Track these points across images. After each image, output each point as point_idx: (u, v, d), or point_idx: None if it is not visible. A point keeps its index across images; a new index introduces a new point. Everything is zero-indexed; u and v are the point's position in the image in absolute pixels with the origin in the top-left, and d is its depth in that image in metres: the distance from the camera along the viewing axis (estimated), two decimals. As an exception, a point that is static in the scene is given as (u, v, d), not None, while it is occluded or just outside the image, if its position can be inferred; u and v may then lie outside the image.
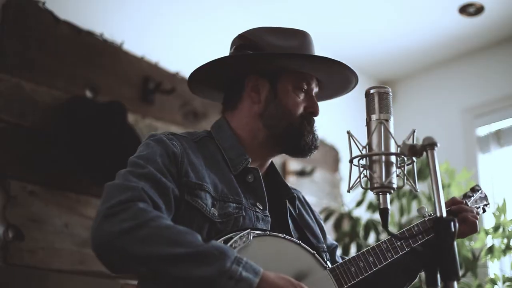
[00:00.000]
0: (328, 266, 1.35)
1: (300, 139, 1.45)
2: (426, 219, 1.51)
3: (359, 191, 2.99)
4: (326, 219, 2.99)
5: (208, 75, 1.53)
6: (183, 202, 1.28)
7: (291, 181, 3.30)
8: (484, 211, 1.66)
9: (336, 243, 1.66)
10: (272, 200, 1.46)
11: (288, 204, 1.51)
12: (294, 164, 3.40)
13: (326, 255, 1.51)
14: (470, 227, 1.50)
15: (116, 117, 2.31)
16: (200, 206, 1.29)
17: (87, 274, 2.21)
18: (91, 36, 2.48)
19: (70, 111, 2.25)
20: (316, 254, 1.34)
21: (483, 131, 3.82)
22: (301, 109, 1.47)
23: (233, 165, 1.42)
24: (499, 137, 3.76)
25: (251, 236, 1.23)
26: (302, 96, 1.48)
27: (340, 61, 1.47)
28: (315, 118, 1.50)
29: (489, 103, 3.80)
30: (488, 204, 1.67)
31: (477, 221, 1.52)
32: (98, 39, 2.51)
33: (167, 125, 2.66)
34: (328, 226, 3.03)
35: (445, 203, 1.55)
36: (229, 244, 1.20)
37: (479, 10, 3.42)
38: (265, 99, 1.47)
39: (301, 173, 3.41)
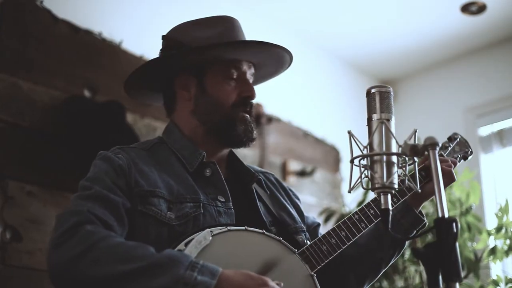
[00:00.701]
0: (296, 250, 1.32)
1: (233, 130, 1.44)
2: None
3: (360, 191, 2.98)
4: (327, 219, 2.99)
5: (144, 80, 1.54)
6: (137, 213, 1.29)
7: (291, 181, 3.30)
8: (465, 159, 1.60)
9: (318, 221, 1.63)
10: (239, 190, 1.46)
11: (256, 189, 1.50)
12: (294, 164, 3.40)
13: (305, 234, 1.48)
14: (446, 177, 1.43)
15: (114, 117, 2.31)
16: (154, 213, 1.29)
17: (86, 275, 2.21)
18: (90, 35, 2.48)
19: (68, 111, 2.25)
20: (282, 240, 1.31)
21: (485, 131, 3.82)
22: (233, 98, 1.45)
23: (188, 162, 1.42)
24: (501, 137, 3.76)
25: (210, 236, 1.22)
26: (233, 83, 1.46)
27: (258, 40, 1.46)
28: (252, 101, 1.48)
29: (491, 102, 3.80)
30: (469, 150, 1.60)
31: (452, 169, 1.46)
32: (97, 38, 2.51)
33: (165, 125, 2.65)
34: (329, 227, 3.03)
35: (419, 162, 1.48)
36: (188, 247, 1.19)
37: (481, 8, 3.42)
38: (194, 96, 1.47)
39: (302, 174, 3.41)
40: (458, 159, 1.58)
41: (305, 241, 1.42)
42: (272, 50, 1.50)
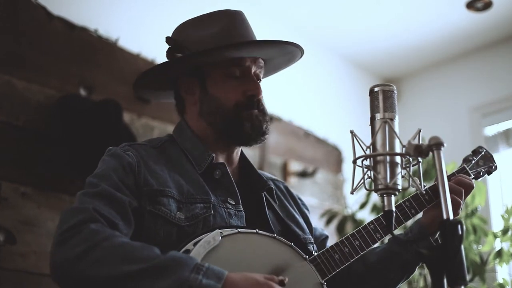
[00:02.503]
0: (307, 257, 1.32)
1: (240, 129, 1.44)
2: (418, 192, 1.44)
3: (363, 192, 2.99)
4: (328, 221, 2.99)
5: (153, 81, 1.57)
6: (146, 213, 1.29)
7: (292, 182, 3.30)
8: (489, 173, 1.60)
9: (326, 233, 1.63)
10: (249, 195, 1.46)
11: (267, 196, 1.50)
12: (295, 165, 3.40)
13: (313, 246, 1.48)
14: (454, 207, 1.40)
15: (111, 116, 2.31)
16: (163, 213, 1.29)
17: (81, 278, 2.20)
18: (85, 32, 2.48)
19: (63, 110, 2.25)
20: (293, 246, 1.31)
21: (491, 130, 3.82)
22: (235, 97, 1.45)
23: (197, 163, 1.43)
24: (507, 136, 3.76)
25: (219, 237, 1.22)
26: (235, 82, 1.46)
27: (259, 40, 1.46)
28: (260, 98, 1.47)
29: (497, 101, 3.79)
30: (494, 165, 1.60)
31: (460, 198, 1.42)
32: (93, 35, 2.51)
33: (164, 125, 2.66)
34: (331, 229, 3.03)
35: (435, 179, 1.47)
36: (196, 247, 1.20)
37: (487, 5, 3.42)
38: (199, 98, 1.49)
39: (303, 174, 3.41)
40: (481, 173, 1.58)
41: (313, 252, 1.41)
42: (279, 46, 1.50)
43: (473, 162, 1.57)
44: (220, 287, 1.08)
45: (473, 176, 1.55)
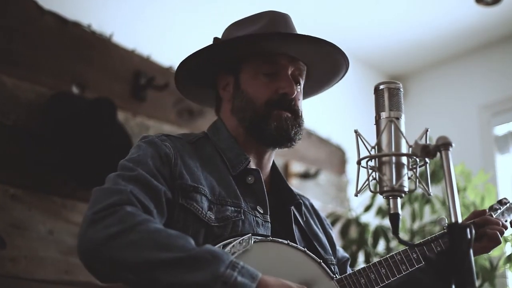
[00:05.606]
0: (335, 276, 1.35)
1: (264, 128, 1.45)
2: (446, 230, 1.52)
3: (367, 195, 2.99)
4: (331, 225, 2.98)
5: (194, 78, 1.58)
6: (177, 206, 1.30)
7: (294, 184, 3.30)
8: None
9: (347, 256, 1.67)
10: (276, 206, 1.47)
11: (294, 211, 1.52)
12: (297, 166, 3.40)
13: (334, 267, 1.51)
14: (492, 242, 1.49)
15: (104, 115, 2.31)
16: (195, 209, 1.30)
17: (73, 284, 2.20)
18: (78, 27, 2.48)
19: (55, 109, 2.25)
20: (322, 263, 1.34)
21: (501, 130, 3.82)
22: (266, 94, 1.46)
23: (232, 165, 1.44)
24: (518, 136, 3.77)
25: (252, 241, 1.24)
26: (267, 78, 1.47)
27: (297, 33, 1.47)
28: (294, 98, 1.48)
29: (508, 99, 3.80)
30: None
31: (499, 232, 1.50)
32: (86, 30, 2.51)
33: (160, 124, 2.66)
34: (334, 233, 3.03)
35: (468, 217, 1.56)
36: (227, 249, 1.21)
37: (497, -1, 3.43)
38: (232, 94, 1.51)
39: (305, 176, 3.41)
40: (507, 223, 1.64)
41: (333, 271, 1.44)
42: (320, 47, 1.49)
43: (499, 211, 1.62)
44: (254, 286, 1.09)
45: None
